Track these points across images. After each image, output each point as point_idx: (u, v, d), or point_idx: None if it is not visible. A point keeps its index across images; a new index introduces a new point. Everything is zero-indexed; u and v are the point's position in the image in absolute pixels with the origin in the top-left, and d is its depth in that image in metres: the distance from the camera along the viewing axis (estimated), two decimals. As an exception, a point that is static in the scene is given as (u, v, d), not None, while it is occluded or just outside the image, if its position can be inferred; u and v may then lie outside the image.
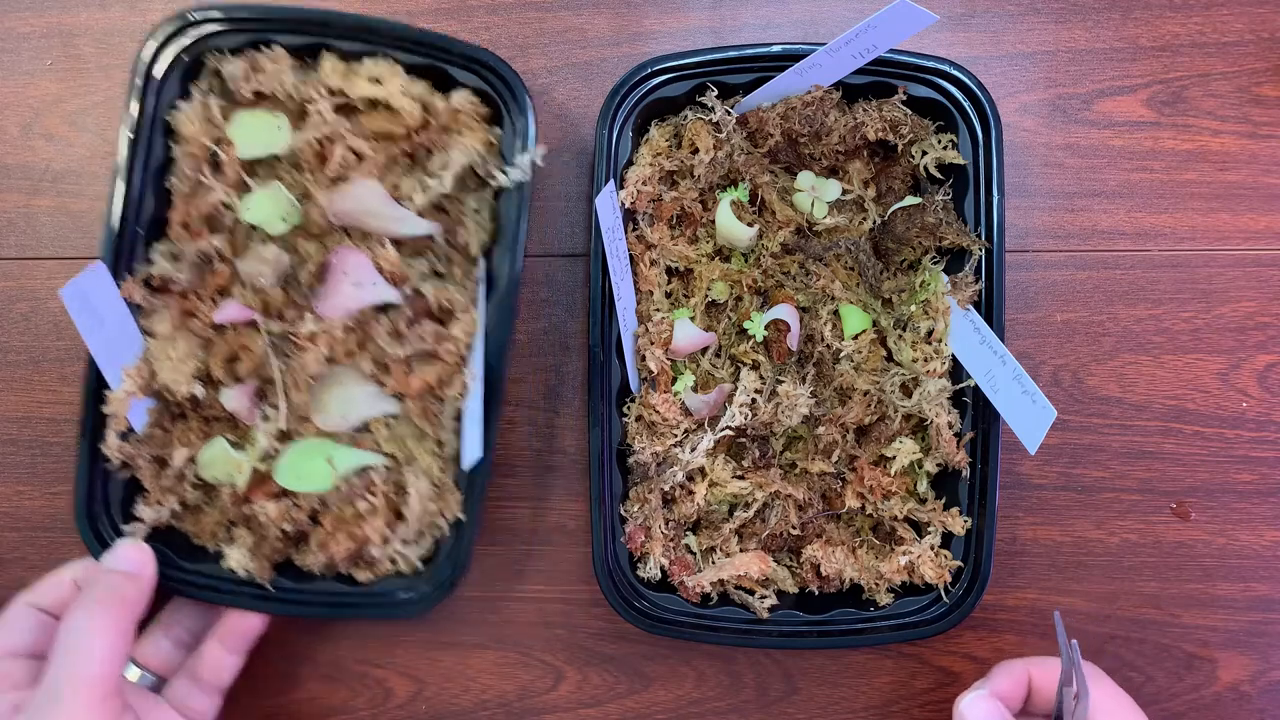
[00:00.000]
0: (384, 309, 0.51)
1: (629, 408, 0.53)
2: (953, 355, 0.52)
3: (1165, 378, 0.56)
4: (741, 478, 0.53)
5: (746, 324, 0.52)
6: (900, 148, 0.53)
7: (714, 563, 0.53)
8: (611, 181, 0.50)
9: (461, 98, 0.50)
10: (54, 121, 0.58)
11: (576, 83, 0.57)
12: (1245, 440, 0.56)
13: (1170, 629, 0.56)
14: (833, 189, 0.53)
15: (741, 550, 0.53)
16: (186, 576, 0.51)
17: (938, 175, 0.53)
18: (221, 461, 0.51)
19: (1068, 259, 0.56)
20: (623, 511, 0.53)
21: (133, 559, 0.48)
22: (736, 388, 0.52)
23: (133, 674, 0.50)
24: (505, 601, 0.58)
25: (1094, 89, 0.56)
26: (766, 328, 0.52)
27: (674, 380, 0.53)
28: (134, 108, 0.50)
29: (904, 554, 0.52)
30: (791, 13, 0.57)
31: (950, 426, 0.52)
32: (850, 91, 0.52)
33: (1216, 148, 0.56)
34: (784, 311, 0.52)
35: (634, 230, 0.53)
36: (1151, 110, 0.56)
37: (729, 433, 0.52)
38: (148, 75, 0.50)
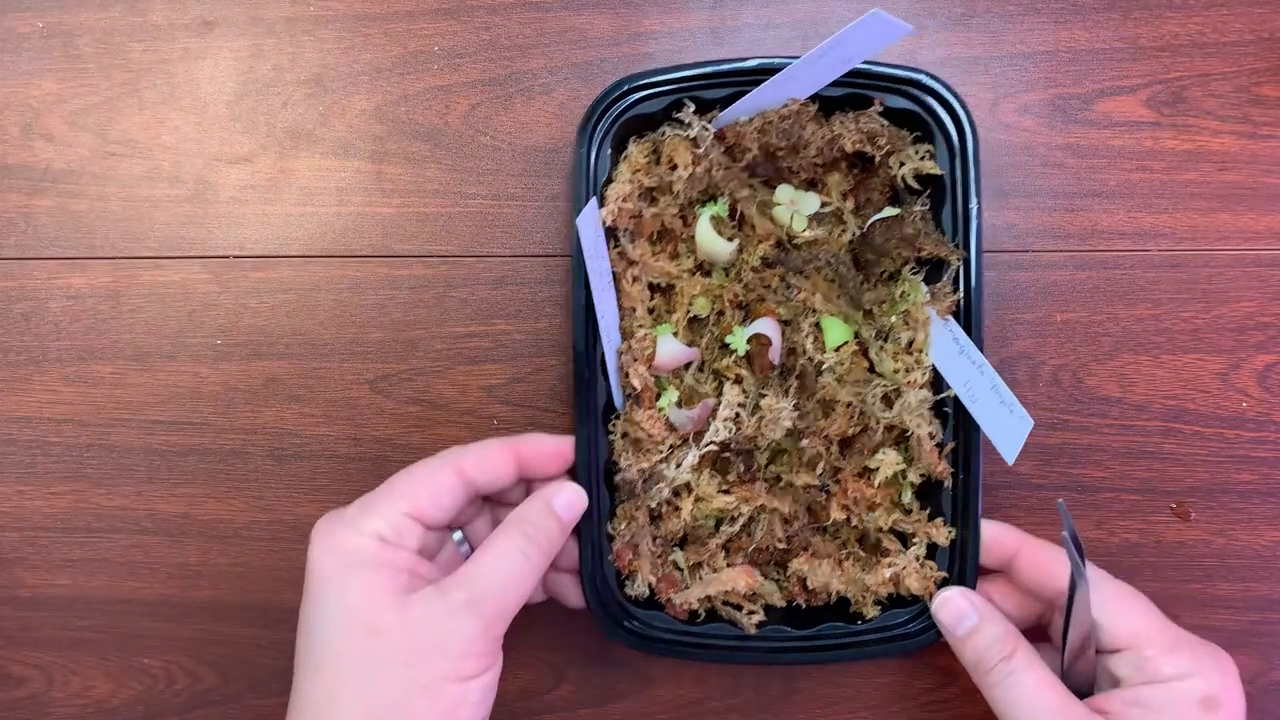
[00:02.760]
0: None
1: (614, 425, 0.53)
2: (934, 366, 0.52)
3: (1165, 378, 0.56)
4: (727, 492, 0.53)
5: (729, 338, 0.52)
6: (878, 159, 0.52)
7: (701, 578, 0.53)
8: (594, 199, 0.50)
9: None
10: (54, 121, 0.58)
11: (577, 83, 0.57)
12: (1245, 440, 0.56)
13: (1170, 629, 0.56)
14: (811, 202, 0.53)
15: (729, 565, 0.53)
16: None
17: (915, 186, 0.52)
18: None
19: (1068, 259, 0.56)
20: (610, 529, 0.53)
21: (575, 507, 0.48)
22: (720, 402, 0.52)
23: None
24: (505, 601, 0.58)
25: (1094, 89, 0.56)
26: (748, 341, 0.52)
27: (658, 396, 0.52)
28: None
29: (889, 566, 0.51)
30: (792, 12, 0.57)
31: (932, 437, 0.51)
32: (827, 104, 0.52)
33: (1216, 148, 0.56)
34: (765, 325, 0.51)
35: (615, 247, 0.53)
36: (1151, 110, 0.56)
37: (713, 448, 0.52)
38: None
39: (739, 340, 0.52)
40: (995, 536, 0.51)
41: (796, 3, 0.57)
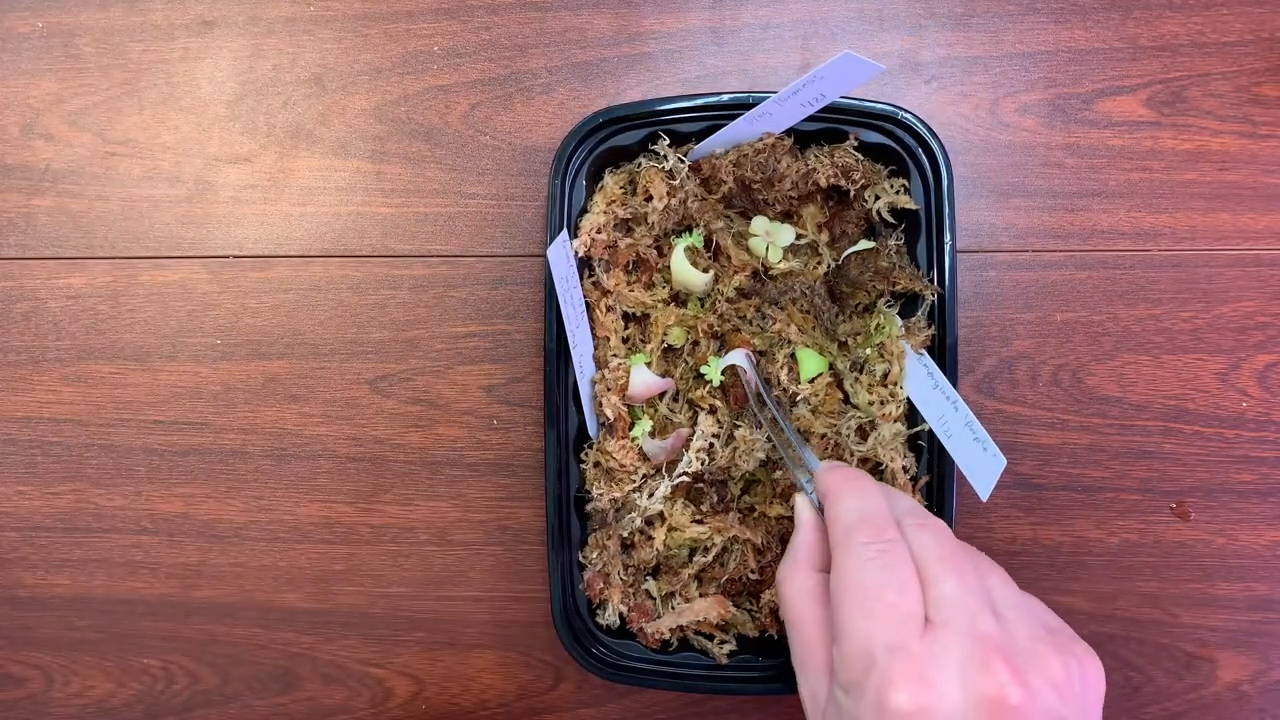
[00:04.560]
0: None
1: (586, 454, 0.53)
2: (908, 399, 0.52)
3: (1165, 378, 0.56)
4: (700, 522, 0.53)
5: (703, 369, 0.52)
6: (853, 193, 0.52)
7: (673, 608, 0.53)
8: (565, 231, 0.50)
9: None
10: (54, 121, 0.58)
11: (576, 83, 0.57)
12: (1245, 440, 0.56)
13: (1170, 629, 0.56)
14: (787, 234, 0.53)
15: (701, 594, 0.53)
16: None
17: (890, 220, 0.52)
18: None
19: (1067, 259, 0.56)
20: (581, 558, 0.53)
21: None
22: (694, 432, 0.52)
23: None
24: (505, 601, 0.58)
25: (1094, 89, 0.56)
26: (724, 372, 0.51)
27: (631, 426, 0.52)
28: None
29: None
30: (791, 12, 0.57)
31: (905, 471, 0.51)
32: (803, 138, 0.52)
33: (1216, 148, 0.56)
34: (739, 356, 0.51)
35: (590, 277, 0.53)
36: (1151, 110, 0.56)
37: (686, 478, 0.52)
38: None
39: (714, 371, 0.52)
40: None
41: (796, 3, 0.57)
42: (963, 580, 0.37)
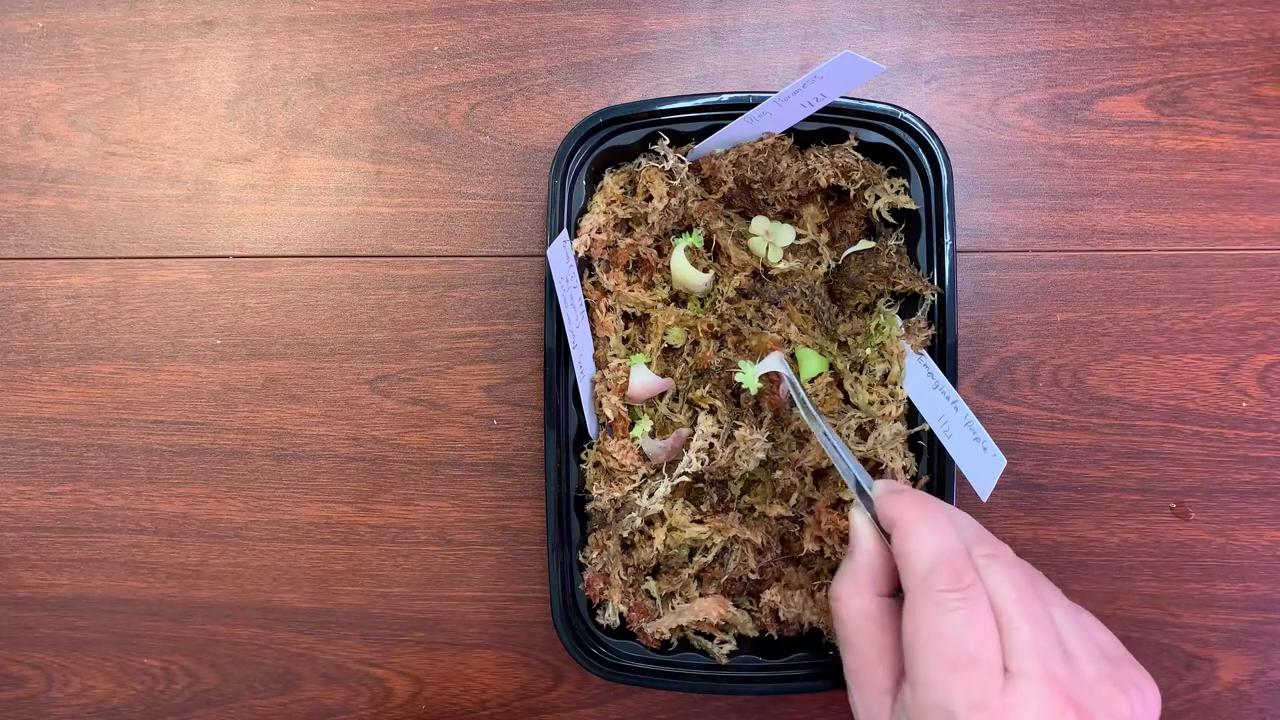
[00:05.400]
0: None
1: (586, 454, 0.53)
2: (908, 399, 0.52)
3: (1165, 378, 0.56)
4: (700, 522, 0.53)
5: (739, 376, 0.51)
6: (853, 193, 0.52)
7: (673, 608, 0.53)
8: (565, 231, 0.50)
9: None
10: (54, 121, 0.58)
11: (576, 83, 0.57)
12: (1245, 440, 0.56)
13: (1170, 629, 0.56)
14: (787, 234, 0.53)
15: (701, 594, 0.53)
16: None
17: (890, 220, 0.52)
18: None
19: (1068, 259, 0.56)
20: (581, 558, 0.53)
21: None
22: (694, 432, 0.52)
23: None
24: (505, 601, 0.58)
25: (1094, 89, 0.56)
26: (760, 379, 0.51)
27: (631, 426, 0.52)
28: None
29: None
30: (791, 12, 0.57)
31: (905, 470, 0.51)
32: (803, 138, 0.52)
33: (1216, 148, 0.56)
34: (775, 362, 0.50)
35: (590, 277, 0.53)
36: (1151, 110, 0.56)
37: (686, 478, 0.52)
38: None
39: (750, 378, 0.50)
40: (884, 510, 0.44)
41: (796, 3, 0.57)
42: (1035, 623, 0.38)
